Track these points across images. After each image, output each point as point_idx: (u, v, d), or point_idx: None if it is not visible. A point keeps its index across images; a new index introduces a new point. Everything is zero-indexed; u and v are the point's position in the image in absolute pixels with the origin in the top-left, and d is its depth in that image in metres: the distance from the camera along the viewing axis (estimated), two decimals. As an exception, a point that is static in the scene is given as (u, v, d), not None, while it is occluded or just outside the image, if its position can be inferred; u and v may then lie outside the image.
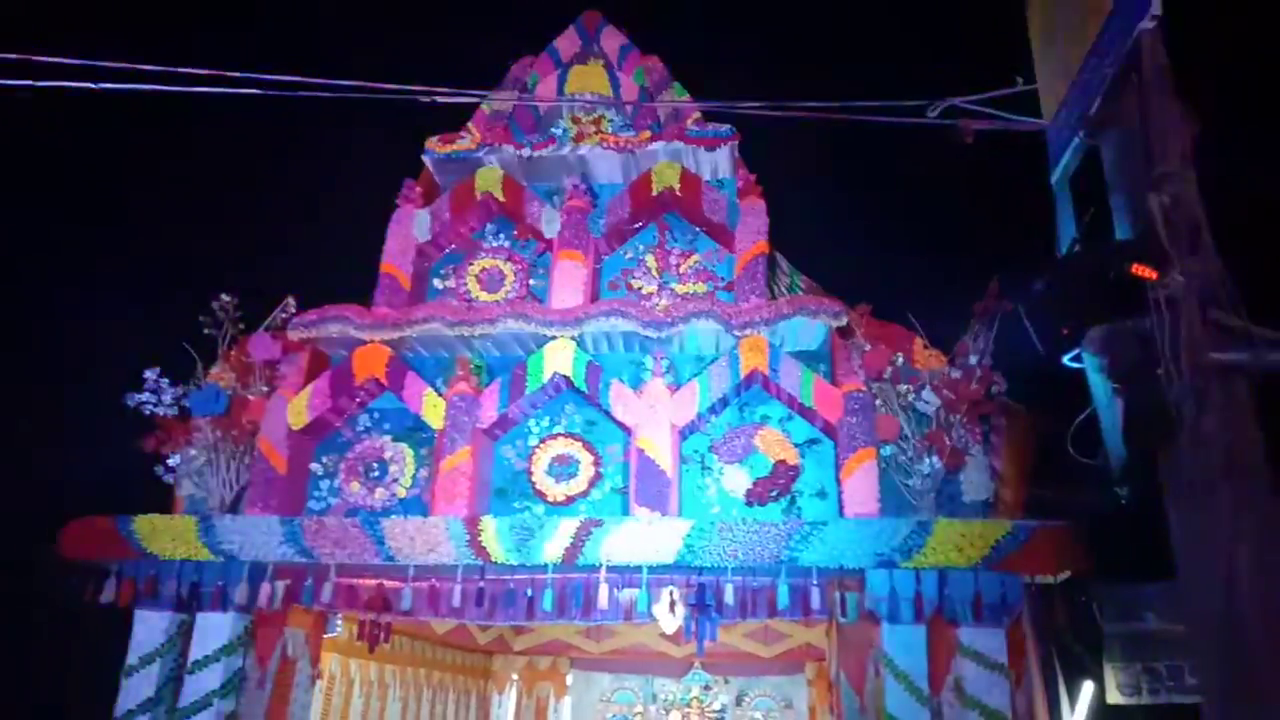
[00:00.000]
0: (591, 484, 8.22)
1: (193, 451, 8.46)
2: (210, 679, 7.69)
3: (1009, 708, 6.89)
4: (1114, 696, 8.46)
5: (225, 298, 8.93)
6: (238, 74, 4.31)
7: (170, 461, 8.51)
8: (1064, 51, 4.05)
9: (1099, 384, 3.41)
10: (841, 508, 7.60)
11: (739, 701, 12.66)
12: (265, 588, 7.68)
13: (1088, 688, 8.82)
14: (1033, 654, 7.48)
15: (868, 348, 8.04)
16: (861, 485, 7.52)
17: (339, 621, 9.21)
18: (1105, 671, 8.55)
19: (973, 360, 7.65)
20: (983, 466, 7.65)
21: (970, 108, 4.02)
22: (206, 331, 8.83)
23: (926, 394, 7.69)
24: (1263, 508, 3.03)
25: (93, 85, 4.34)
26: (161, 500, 8.51)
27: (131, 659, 7.90)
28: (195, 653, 7.81)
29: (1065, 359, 3.52)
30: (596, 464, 8.30)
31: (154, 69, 4.28)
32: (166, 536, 7.81)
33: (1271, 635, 2.98)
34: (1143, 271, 3.04)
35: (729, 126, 9.41)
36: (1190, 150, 3.31)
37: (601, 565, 7.32)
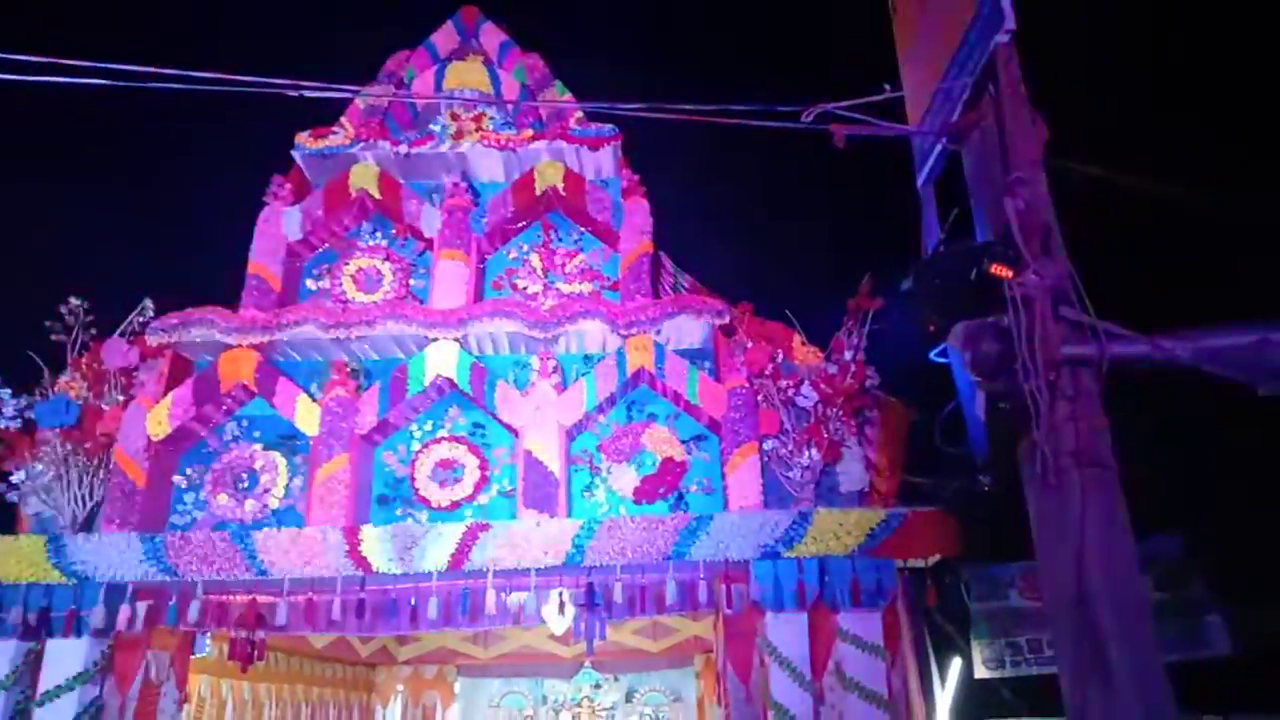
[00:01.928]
0: (478, 488, 8.09)
1: (39, 466, 7.84)
2: (63, 710, 7.14)
3: (885, 687, 7.19)
4: (980, 671, 9.01)
5: (74, 300, 8.33)
6: (86, 63, 4.00)
7: (13, 478, 7.87)
8: (927, 61, 4.26)
9: (962, 377, 3.61)
10: (727, 501, 7.76)
11: (629, 698, 12.75)
12: (124, 610, 7.21)
13: (956, 663, 9.35)
14: (906, 635, 7.83)
15: (749, 345, 8.24)
16: (745, 479, 7.70)
17: (208, 641, 8.72)
18: (972, 648, 9.11)
19: (847, 356, 7.95)
20: (858, 458, 7.96)
21: (843, 114, 4.17)
22: (54, 337, 8.22)
23: (805, 389, 7.94)
24: (1109, 492, 3.27)
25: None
26: (4, 520, 7.86)
27: (-30, 694, 7.24)
28: (45, 683, 7.24)
29: (932, 354, 3.70)
30: (483, 467, 8.17)
31: (-12, 53, 3.92)
32: (10, 559, 7.25)
33: (1118, 614, 3.21)
34: (1000, 271, 3.24)
35: (612, 126, 9.43)
36: (1042, 155, 3.55)
37: (489, 570, 7.22)
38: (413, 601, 7.49)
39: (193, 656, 8.44)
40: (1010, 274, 3.20)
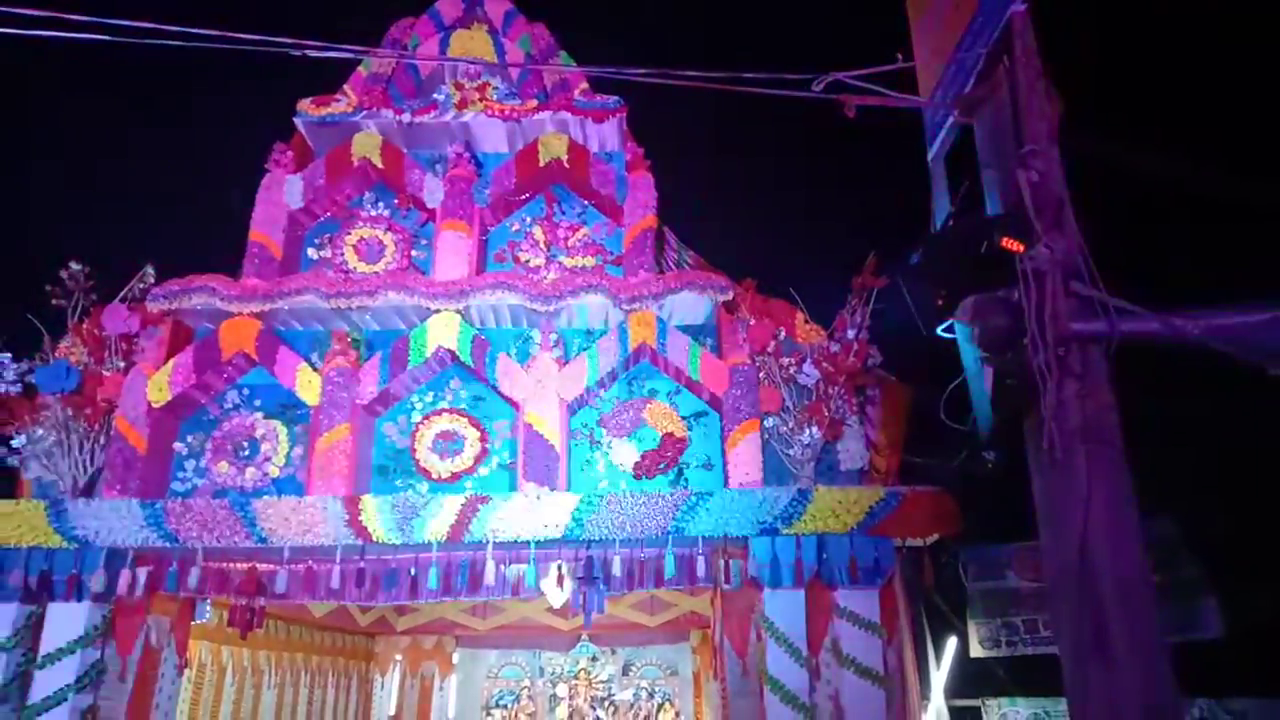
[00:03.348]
0: (478, 460, 8.09)
1: (40, 431, 7.84)
2: (64, 673, 7.20)
3: (881, 664, 7.24)
4: (976, 650, 9.05)
5: (75, 265, 8.29)
6: (83, 18, 3.94)
7: (14, 442, 7.87)
8: (941, 32, 4.20)
9: (969, 352, 3.58)
10: (726, 478, 7.76)
11: (626, 671, 12.83)
12: (125, 575, 7.24)
13: (951, 642, 9.39)
14: (903, 613, 7.86)
15: (752, 322, 8.20)
16: (745, 456, 7.70)
17: (208, 607, 8.76)
18: (968, 627, 9.15)
19: (850, 334, 7.92)
20: (859, 436, 7.95)
21: (854, 83, 4.11)
22: (55, 302, 8.20)
23: (807, 367, 7.92)
24: (1115, 470, 3.25)
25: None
26: (5, 484, 7.87)
27: (-28, 656, 7.29)
28: (46, 645, 7.29)
29: (938, 329, 3.67)
30: (483, 440, 8.16)
31: (-15, 9, 3.86)
32: (11, 523, 7.28)
33: (1120, 591, 3.21)
34: (1011, 244, 3.20)
35: (617, 98, 9.34)
36: (1056, 130, 3.50)
37: (488, 541, 7.24)
38: (412, 571, 7.51)
39: (193, 623, 8.48)
40: (1021, 248, 3.17)
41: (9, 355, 7.96)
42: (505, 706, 12.84)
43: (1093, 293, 3.21)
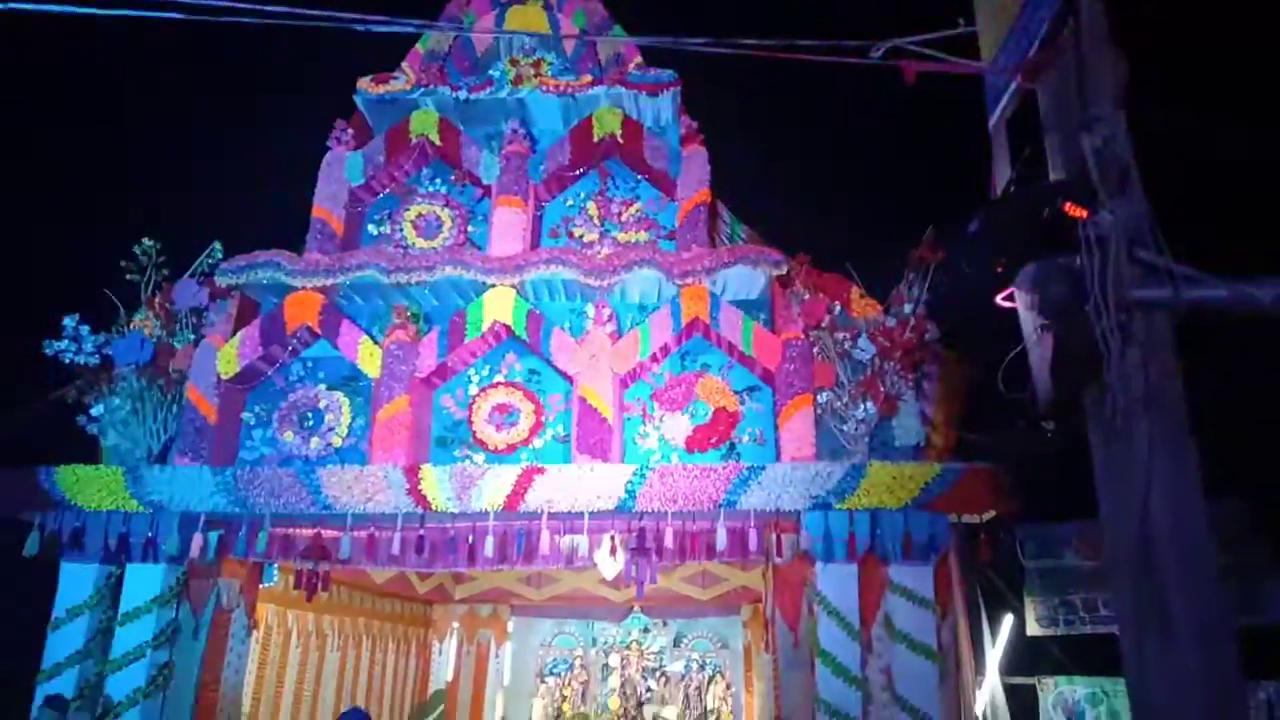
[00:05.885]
0: (533, 432, 8.21)
1: (116, 401, 8.19)
2: (142, 630, 7.57)
3: (935, 640, 7.20)
4: (1033, 628, 8.96)
5: (148, 242, 8.63)
6: (156, -4, 4.07)
7: (93, 411, 8.23)
8: (1003, -5, 4.11)
9: (1029, 321, 3.52)
10: (779, 452, 7.76)
11: (677, 643, 12.96)
12: (197, 539, 7.53)
13: (1008, 620, 9.29)
14: (958, 589, 7.80)
15: (806, 296, 8.15)
16: (799, 430, 7.68)
17: (275, 571, 9.10)
18: (1025, 605, 9.04)
19: (907, 309, 7.82)
20: (914, 411, 7.86)
21: (914, 49, 4.05)
22: (129, 277, 8.53)
23: (862, 342, 7.86)
24: (1178, 440, 3.19)
25: (-3, 6, 4.06)
26: (85, 451, 8.25)
27: (58, 612, 7.71)
28: (125, 605, 7.67)
29: (998, 297, 3.62)
30: (538, 412, 8.28)
31: (64, -10, 4.02)
32: (92, 488, 7.61)
33: (1181, 564, 3.15)
34: (1074, 210, 3.13)
35: (671, 72, 9.30)
36: (1121, 94, 3.41)
37: (543, 512, 7.36)
38: (470, 540, 7.68)
39: (261, 586, 8.82)
40: (1084, 213, 3.10)
41: (88, 328, 8.32)
42: (558, 674, 13.08)
43: (1157, 259, 3.14)
